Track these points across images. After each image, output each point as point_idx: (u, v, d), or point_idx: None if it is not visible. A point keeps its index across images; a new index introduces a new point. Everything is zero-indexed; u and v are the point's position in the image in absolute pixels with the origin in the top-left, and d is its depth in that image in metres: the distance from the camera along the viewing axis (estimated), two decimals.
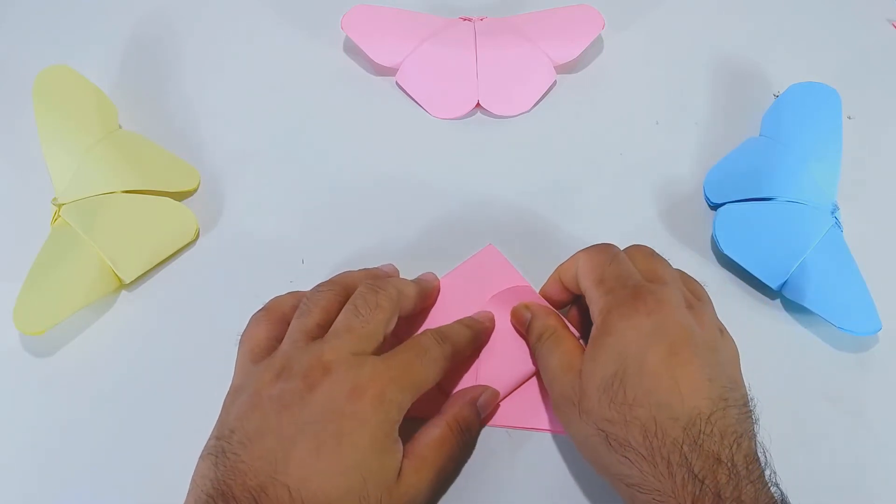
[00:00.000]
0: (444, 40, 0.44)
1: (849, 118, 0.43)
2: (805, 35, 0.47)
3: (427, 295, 0.34)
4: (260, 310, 0.32)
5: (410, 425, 0.29)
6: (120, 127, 0.42)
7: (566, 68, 0.45)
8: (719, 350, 0.28)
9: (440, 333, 0.31)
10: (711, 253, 0.38)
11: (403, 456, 0.28)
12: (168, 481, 0.32)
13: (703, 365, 0.26)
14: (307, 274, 0.37)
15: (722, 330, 0.30)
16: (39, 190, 0.39)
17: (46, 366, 0.35)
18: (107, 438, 0.33)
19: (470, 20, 0.45)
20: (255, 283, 0.37)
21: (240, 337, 0.31)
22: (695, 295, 0.31)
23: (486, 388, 0.33)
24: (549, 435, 0.33)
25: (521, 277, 0.36)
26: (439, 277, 0.36)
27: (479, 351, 0.34)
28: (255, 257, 0.38)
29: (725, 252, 0.37)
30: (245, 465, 0.25)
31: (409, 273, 0.37)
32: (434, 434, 0.29)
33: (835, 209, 0.37)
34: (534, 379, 0.34)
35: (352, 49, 0.46)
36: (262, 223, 0.39)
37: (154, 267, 0.38)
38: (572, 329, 0.32)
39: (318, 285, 0.32)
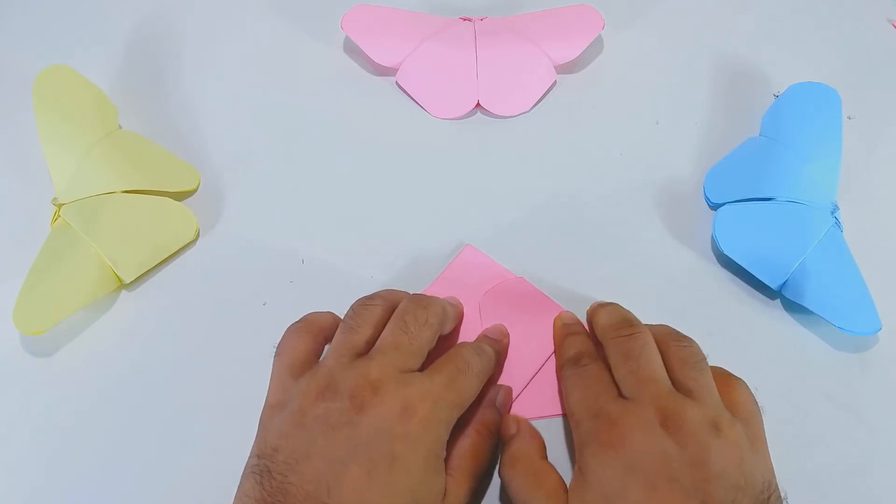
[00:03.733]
0: (444, 40, 0.44)
1: (849, 118, 0.43)
2: (805, 35, 0.47)
3: (460, 317, 0.35)
4: (297, 322, 0.31)
5: None
6: (120, 127, 0.42)
7: (566, 68, 0.45)
8: (710, 462, 0.25)
9: (477, 348, 0.31)
10: (711, 253, 0.38)
11: (445, 471, 0.28)
12: (168, 481, 0.32)
13: (688, 493, 0.24)
14: (307, 274, 0.37)
15: (717, 425, 0.26)
16: (39, 190, 0.39)
17: (46, 366, 0.35)
18: (107, 439, 0.33)
19: (470, 20, 0.45)
20: (255, 283, 0.37)
21: (275, 348, 0.30)
22: (691, 391, 0.27)
23: (499, 387, 0.33)
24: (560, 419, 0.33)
25: (507, 271, 0.37)
26: (432, 278, 0.36)
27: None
28: (255, 257, 0.38)
29: (725, 252, 0.37)
30: (294, 486, 0.25)
31: (409, 272, 0.37)
32: (466, 444, 0.29)
33: (835, 209, 0.37)
34: (541, 370, 0.34)
35: (352, 49, 0.46)
36: (263, 223, 0.39)
37: (154, 267, 0.37)
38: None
39: (364, 299, 0.31)
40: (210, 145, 0.42)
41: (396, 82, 0.44)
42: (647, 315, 0.36)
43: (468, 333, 0.35)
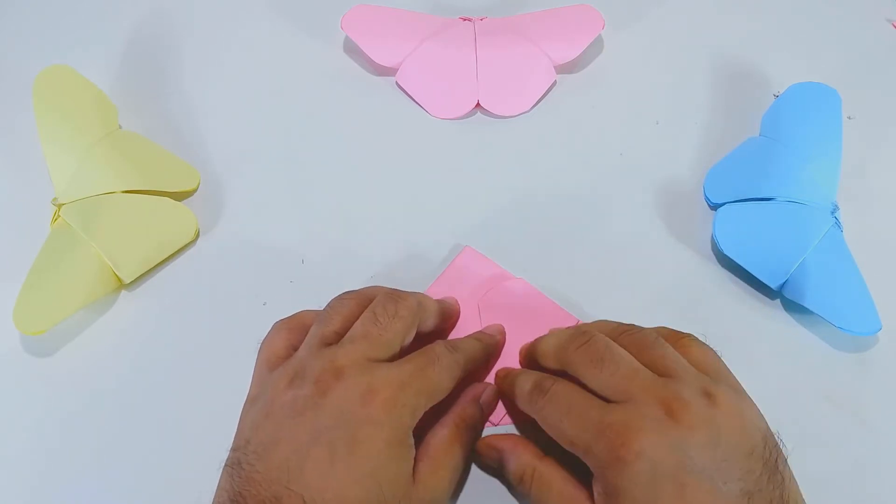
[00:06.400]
0: (444, 40, 0.44)
1: (849, 118, 0.43)
2: (805, 35, 0.47)
3: (448, 315, 0.34)
4: (283, 318, 0.31)
5: (416, 430, 0.29)
6: (120, 127, 0.42)
7: (566, 68, 0.45)
8: (721, 438, 0.25)
9: (451, 343, 0.31)
10: (711, 253, 0.38)
11: (417, 459, 0.28)
12: (168, 481, 0.32)
13: (713, 479, 0.24)
14: (307, 274, 0.37)
15: (708, 393, 0.26)
16: (39, 190, 0.39)
17: (46, 366, 0.35)
18: (107, 438, 0.33)
19: (470, 20, 0.45)
20: (255, 283, 0.37)
21: (260, 344, 0.31)
22: (669, 371, 0.27)
23: (487, 385, 0.33)
24: None
25: (507, 273, 0.37)
26: (433, 278, 0.36)
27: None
28: (255, 257, 0.38)
29: (725, 252, 0.37)
30: (260, 475, 0.25)
31: (410, 272, 0.37)
32: (443, 434, 0.29)
33: (835, 209, 0.37)
34: None
35: (352, 49, 0.46)
36: (263, 223, 0.39)
37: (154, 267, 0.37)
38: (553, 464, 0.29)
39: (340, 295, 0.31)
40: (210, 145, 0.42)
41: (396, 82, 0.44)
42: (646, 315, 0.36)
43: (467, 334, 0.35)
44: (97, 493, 0.32)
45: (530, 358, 0.33)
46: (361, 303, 0.31)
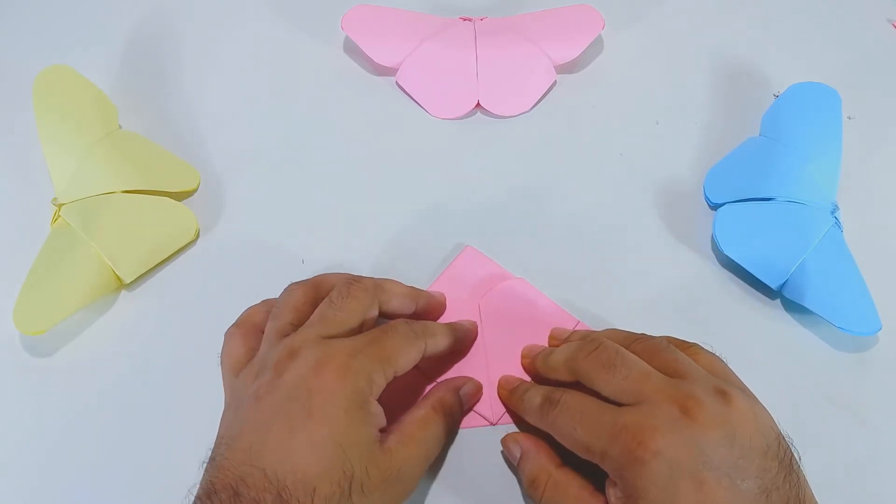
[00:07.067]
0: (444, 40, 0.44)
1: (849, 118, 0.43)
2: (805, 35, 0.47)
3: (418, 297, 0.33)
4: (231, 325, 0.32)
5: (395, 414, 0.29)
6: (120, 127, 0.42)
7: (566, 68, 0.45)
8: (736, 435, 0.25)
9: (413, 320, 0.31)
10: (711, 253, 0.38)
11: (389, 432, 0.28)
12: (168, 481, 0.32)
13: (731, 476, 0.24)
14: (307, 274, 0.37)
15: (721, 392, 0.26)
16: (39, 190, 0.39)
17: (46, 366, 0.35)
18: (106, 438, 0.33)
19: (470, 20, 0.45)
20: (255, 283, 0.37)
21: (220, 358, 0.31)
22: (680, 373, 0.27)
23: (469, 379, 0.33)
24: None
25: (507, 273, 0.37)
26: (433, 278, 0.36)
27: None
28: (255, 257, 0.38)
29: (725, 252, 0.37)
30: (227, 461, 0.25)
31: (410, 272, 0.37)
32: (418, 414, 0.30)
33: (835, 209, 0.37)
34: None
35: (352, 49, 0.46)
36: (263, 223, 0.39)
37: (154, 267, 0.37)
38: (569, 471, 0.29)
39: (289, 285, 0.32)
40: (210, 145, 0.42)
41: (396, 82, 0.44)
42: (647, 315, 0.36)
43: None
44: (97, 493, 0.32)
45: (537, 373, 0.33)
46: (309, 289, 0.31)
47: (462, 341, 0.34)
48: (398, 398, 0.33)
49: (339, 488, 0.25)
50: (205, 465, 0.27)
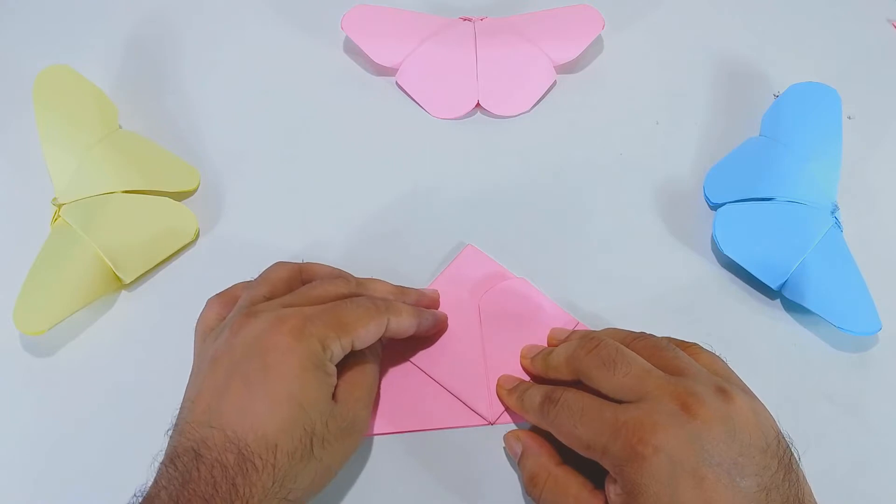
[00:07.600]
0: (444, 40, 0.44)
1: (849, 118, 0.43)
2: (805, 35, 0.47)
3: (423, 304, 0.34)
4: (214, 295, 0.32)
5: None
6: (120, 127, 0.42)
7: (566, 68, 0.45)
8: (736, 432, 0.25)
9: (375, 297, 0.32)
10: (711, 253, 0.38)
11: (336, 386, 0.28)
12: None
13: (730, 473, 0.24)
14: None
15: (722, 390, 0.26)
16: (39, 190, 0.39)
17: (46, 366, 0.35)
18: (107, 438, 0.33)
19: (470, 20, 0.45)
20: None
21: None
22: (679, 370, 0.27)
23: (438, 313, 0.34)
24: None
25: (507, 272, 0.37)
26: (433, 278, 0.36)
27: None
28: (255, 257, 0.38)
29: (725, 252, 0.37)
30: (188, 425, 0.26)
31: (410, 271, 0.37)
32: (353, 361, 0.30)
33: (835, 209, 0.37)
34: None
35: (352, 49, 0.46)
36: (262, 223, 0.39)
37: (154, 267, 0.37)
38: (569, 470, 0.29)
39: (277, 262, 0.33)
40: (210, 145, 0.42)
41: (396, 82, 0.44)
42: (647, 315, 0.36)
43: (467, 334, 0.35)
44: (97, 493, 0.32)
45: (536, 373, 0.33)
46: (293, 270, 0.32)
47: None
48: (398, 396, 0.33)
49: (302, 444, 0.26)
50: (169, 431, 0.27)
